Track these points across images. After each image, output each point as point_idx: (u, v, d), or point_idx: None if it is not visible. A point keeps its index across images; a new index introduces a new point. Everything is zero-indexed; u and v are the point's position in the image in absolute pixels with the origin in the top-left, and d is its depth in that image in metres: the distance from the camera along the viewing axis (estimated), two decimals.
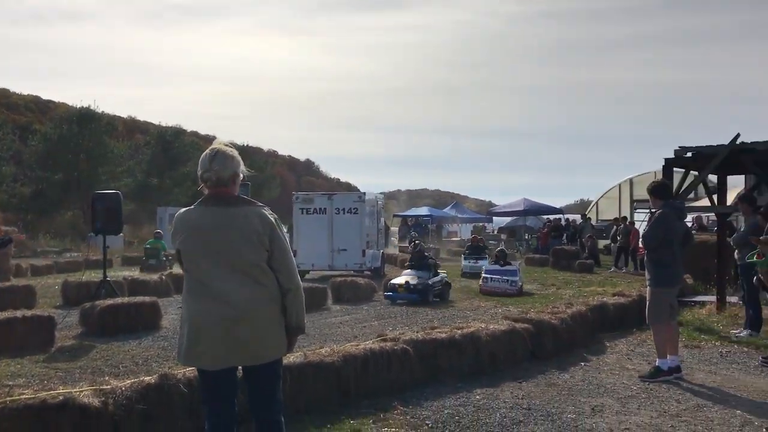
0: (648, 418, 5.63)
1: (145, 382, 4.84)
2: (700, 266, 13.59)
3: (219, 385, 3.60)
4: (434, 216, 40.73)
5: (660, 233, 7.00)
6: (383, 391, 6.15)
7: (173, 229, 3.67)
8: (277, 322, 3.60)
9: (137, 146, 47.46)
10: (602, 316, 9.57)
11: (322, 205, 18.88)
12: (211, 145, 3.69)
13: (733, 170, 11.45)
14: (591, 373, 7.22)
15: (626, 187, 34.28)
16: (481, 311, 12.04)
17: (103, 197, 11.63)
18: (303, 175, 79.66)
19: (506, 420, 5.51)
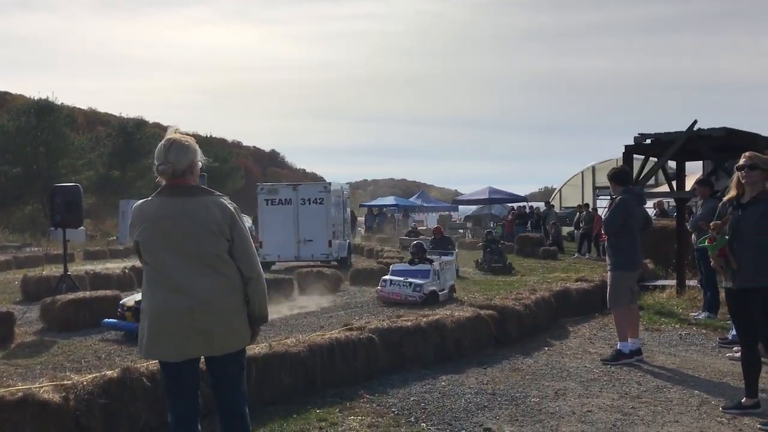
0: (609, 400, 5.74)
1: (107, 377, 4.78)
2: (661, 251, 13.86)
3: (182, 377, 3.56)
4: (400, 205, 40.83)
5: (620, 219, 7.12)
6: (349, 380, 6.18)
7: (131, 221, 3.62)
8: (239, 312, 3.58)
9: (98, 138, 46.54)
10: (565, 301, 9.70)
11: (287, 196, 18.76)
12: (166, 135, 3.64)
13: (691, 156, 11.68)
14: (554, 358, 7.33)
15: (589, 175, 34.80)
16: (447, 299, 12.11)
17: (63, 190, 11.41)
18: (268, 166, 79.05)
19: (471, 405, 5.57)
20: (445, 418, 5.26)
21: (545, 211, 28.73)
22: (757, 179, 5.17)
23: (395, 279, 11.83)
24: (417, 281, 11.60)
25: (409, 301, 11.26)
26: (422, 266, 12.28)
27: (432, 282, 11.85)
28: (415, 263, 12.47)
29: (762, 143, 10.13)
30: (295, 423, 5.09)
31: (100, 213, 40.10)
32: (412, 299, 11.32)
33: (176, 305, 3.44)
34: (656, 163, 10.96)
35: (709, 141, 9.98)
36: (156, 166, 3.56)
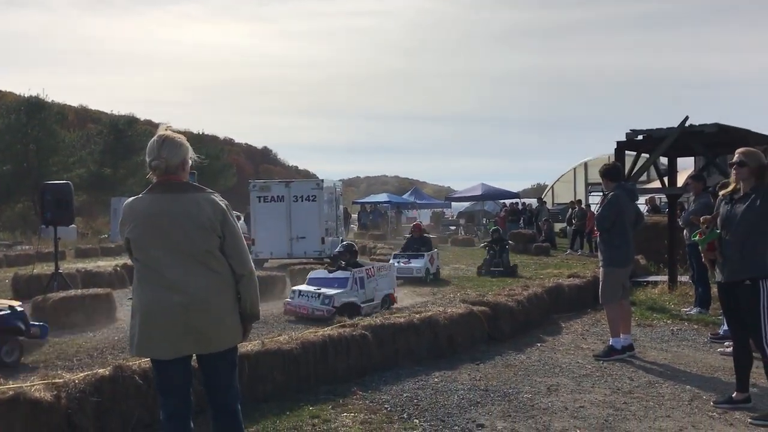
0: (602, 395, 5.76)
1: (98, 375, 4.76)
2: (653, 247, 13.91)
3: (174, 374, 3.55)
4: (393, 202, 40.81)
5: (612, 215, 7.14)
6: (342, 377, 6.18)
7: (121, 218, 3.60)
8: (231, 309, 3.58)
9: (89, 136, 46.28)
10: (558, 297, 9.73)
11: (279, 193, 18.72)
12: (158, 132, 3.63)
13: (682, 152, 11.72)
14: (547, 354, 7.34)
15: (581, 171, 34.89)
16: (440, 295, 12.13)
17: (53, 188, 11.34)
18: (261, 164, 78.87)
19: (464, 401, 5.58)
20: (437, 414, 5.26)
21: (538, 207, 28.78)
22: (746, 176, 5.20)
23: (305, 290, 10.20)
24: (328, 292, 9.91)
25: (316, 316, 9.57)
26: (341, 273, 10.45)
27: (349, 292, 10.06)
28: (335, 269, 10.78)
29: (753, 139, 10.18)
30: (288, 420, 5.09)
31: (92, 211, 39.92)
32: (319, 313, 9.61)
33: (169, 303, 3.42)
34: (648, 159, 10.97)
35: (700, 137, 10.00)
36: (149, 162, 3.54)
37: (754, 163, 5.18)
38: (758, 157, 5.21)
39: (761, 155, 5.25)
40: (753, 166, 5.17)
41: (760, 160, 5.20)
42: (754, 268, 5.14)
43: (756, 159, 5.20)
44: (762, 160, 5.19)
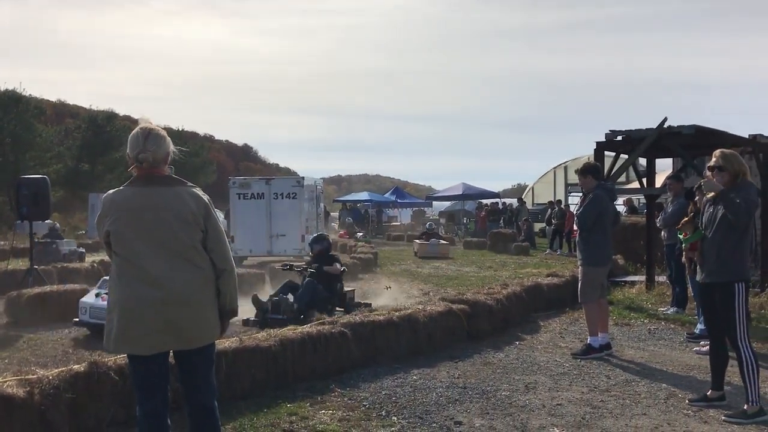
0: (579, 393, 5.79)
1: (73, 371, 4.70)
2: (631, 247, 14.02)
3: (152, 370, 3.51)
4: (374, 201, 40.81)
5: (594, 214, 7.17)
6: (321, 374, 6.16)
7: (101, 210, 3.55)
8: (211, 304, 3.55)
9: (67, 131, 45.76)
10: (536, 296, 9.78)
11: (259, 190, 18.61)
12: (139, 125, 3.59)
13: (661, 153, 11.81)
14: (525, 352, 7.38)
15: (561, 172, 35.14)
16: (421, 293, 12.14)
17: (29, 182, 11.21)
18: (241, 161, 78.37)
19: (442, 399, 5.59)
20: (416, 411, 5.26)
21: (518, 207, 28.92)
22: (725, 180, 5.23)
23: None
24: None
25: None
26: None
27: None
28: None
29: (730, 141, 10.29)
30: (265, 417, 5.06)
31: (69, 207, 39.37)
32: None
33: (149, 297, 3.38)
34: (627, 159, 11.05)
35: (678, 138, 10.08)
36: (134, 155, 3.49)
37: (731, 166, 5.23)
38: (735, 160, 5.26)
39: (738, 158, 5.30)
40: (731, 170, 5.22)
41: (736, 163, 5.24)
42: (729, 270, 5.20)
43: (732, 162, 5.25)
44: (738, 163, 5.24)
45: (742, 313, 5.13)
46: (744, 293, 5.15)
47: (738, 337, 5.14)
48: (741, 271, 5.19)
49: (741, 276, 5.18)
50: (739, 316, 5.13)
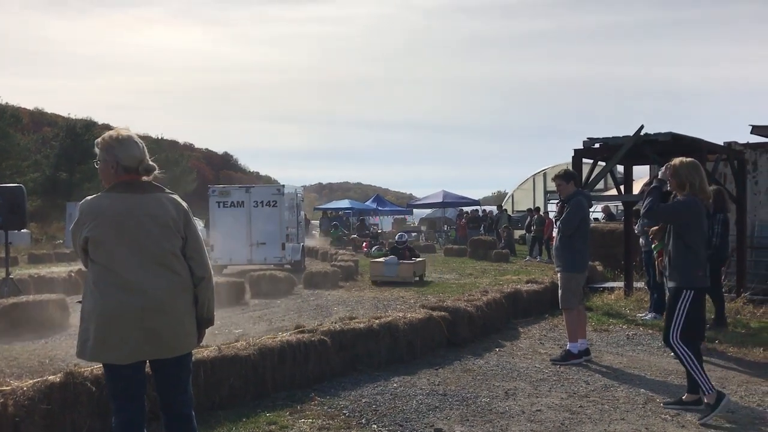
0: (558, 399, 5.82)
1: (48, 382, 4.63)
2: (609, 254, 14.16)
3: (128, 380, 3.46)
4: (355, 209, 40.81)
5: (576, 220, 7.23)
6: (301, 383, 6.13)
7: (78, 217, 3.50)
8: (189, 313, 3.53)
9: (45, 139, 45.36)
10: (516, 302, 9.82)
11: (239, 199, 18.54)
12: (119, 133, 3.56)
13: (638, 161, 11.93)
14: (505, 358, 7.40)
15: (540, 179, 35.35)
16: (401, 301, 12.14)
17: (5, 191, 11.04)
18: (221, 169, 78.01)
19: (422, 406, 5.58)
20: (396, 419, 5.25)
21: (498, 214, 29.05)
22: (674, 188, 5.51)
23: None
24: None
25: None
26: None
27: None
28: None
29: (705, 148, 10.43)
30: (244, 426, 5.02)
31: (46, 216, 38.98)
32: None
33: (127, 305, 3.34)
34: (605, 166, 11.16)
35: (655, 145, 10.20)
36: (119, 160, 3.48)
37: (677, 177, 5.45)
38: (682, 171, 5.42)
39: (687, 170, 5.43)
40: (677, 179, 5.46)
41: (681, 174, 5.41)
42: (678, 277, 5.44)
43: (678, 173, 5.43)
44: (683, 174, 5.42)
45: (680, 317, 5.35)
46: (688, 300, 5.36)
47: (670, 336, 5.39)
48: (688, 278, 5.40)
49: (688, 284, 5.39)
50: (677, 318, 5.36)
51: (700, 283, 5.45)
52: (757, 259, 12.03)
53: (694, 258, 5.42)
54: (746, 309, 9.91)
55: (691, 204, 5.39)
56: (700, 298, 5.53)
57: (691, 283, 5.40)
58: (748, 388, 6.17)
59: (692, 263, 5.42)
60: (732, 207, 10.72)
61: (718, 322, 8.82)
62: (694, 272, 5.42)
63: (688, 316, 5.37)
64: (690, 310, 5.38)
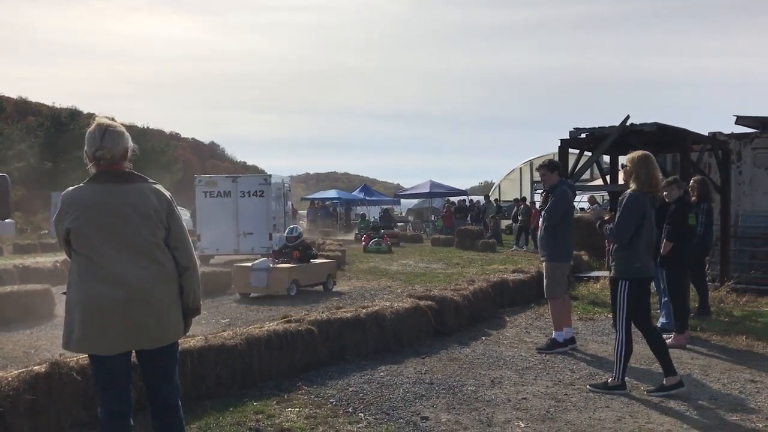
0: (544, 387, 5.87)
1: (33, 372, 4.61)
2: (595, 243, 14.22)
3: (114, 370, 3.45)
4: (343, 199, 40.76)
5: (561, 210, 7.26)
6: (288, 373, 6.14)
7: (60, 208, 3.48)
8: (174, 303, 3.51)
9: (29, 128, 44.93)
10: (503, 292, 9.87)
11: (226, 188, 18.47)
12: (97, 122, 3.53)
13: (624, 151, 11.94)
14: (491, 347, 7.44)
15: (527, 169, 35.51)
16: (388, 291, 12.17)
17: None
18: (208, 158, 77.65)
19: (409, 395, 5.61)
20: (383, 407, 5.28)
21: (485, 204, 29.13)
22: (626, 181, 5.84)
23: None
24: None
25: None
26: None
27: None
28: None
29: (690, 138, 10.50)
30: (231, 416, 5.03)
31: (31, 206, 38.67)
32: None
33: (110, 296, 3.33)
34: (590, 156, 11.20)
35: (641, 135, 10.24)
36: (93, 152, 3.43)
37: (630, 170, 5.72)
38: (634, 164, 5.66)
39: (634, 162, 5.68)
40: (627, 174, 5.77)
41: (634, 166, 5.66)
42: (616, 267, 5.76)
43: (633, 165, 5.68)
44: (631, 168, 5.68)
45: (623, 304, 5.67)
46: (626, 290, 5.64)
47: (617, 322, 5.75)
48: (624, 269, 5.67)
49: (623, 274, 5.67)
50: (620, 306, 5.69)
51: (636, 273, 5.67)
52: (741, 249, 12.14)
53: (632, 250, 5.64)
54: (729, 298, 10.02)
55: (628, 204, 5.63)
56: (638, 288, 5.71)
57: (627, 274, 5.66)
58: (730, 375, 6.25)
59: (630, 255, 5.65)
60: (716, 197, 10.81)
61: (701, 310, 8.91)
62: (630, 264, 5.65)
63: (630, 305, 5.65)
64: (629, 299, 5.64)
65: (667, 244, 7.58)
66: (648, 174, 5.61)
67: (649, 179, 5.62)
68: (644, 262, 5.68)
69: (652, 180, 5.63)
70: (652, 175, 5.63)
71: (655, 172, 5.65)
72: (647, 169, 5.62)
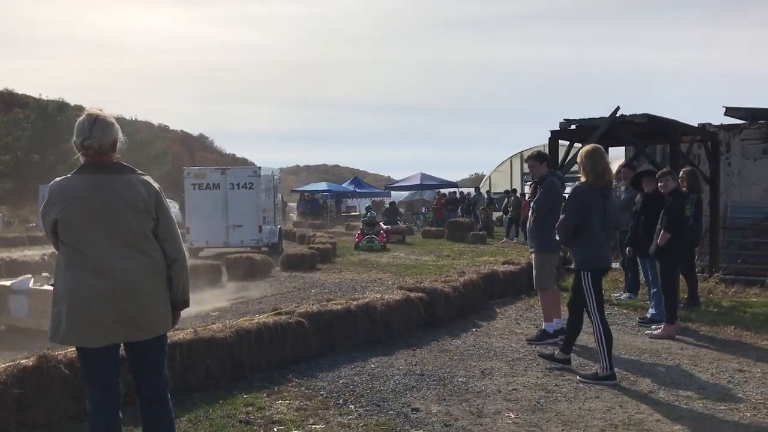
0: (534, 378, 5.88)
1: (21, 365, 4.57)
2: None
3: (102, 363, 3.43)
4: (333, 191, 40.69)
5: (550, 201, 7.26)
6: (278, 365, 6.12)
7: (47, 199, 3.45)
8: (163, 295, 3.49)
9: (16, 121, 44.53)
10: (493, 283, 9.88)
11: (215, 181, 18.37)
12: (86, 112, 3.50)
13: (614, 142, 12.00)
14: (481, 338, 7.45)
15: (517, 161, 35.52)
16: (379, 283, 12.16)
17: None
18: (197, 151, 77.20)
19: (400, 386, 5.61)
20: (373, 399, 5.27)
21: (475, 196, 29.15)
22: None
23: None
24: None
25: None
26: None
27: None
28: None
29: (680, 129, 10.52)
30: (221, 408, 5.01)
31: (19, 199, 38.38)
32: None
33: (98, 288, 3.30)
34: (580, 148, 11.20)
35: (631, 127, 10.26)
36: (81, 141, 3.39)
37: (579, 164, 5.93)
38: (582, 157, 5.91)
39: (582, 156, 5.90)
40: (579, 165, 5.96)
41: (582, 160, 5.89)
42: (575, 259, 5.94)
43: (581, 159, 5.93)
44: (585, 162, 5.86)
45: (590, 294, 5.80)
46: (589, 280, 5.80)
47: (589, 312, 5.86)
48: (582, 260, 5.84)
49: (583, 265, 5.83)
50: (588, 296, 5.81)
51: (595, 264, 5.84)
52: (730, 240, 12.20)
53: (589, 241, 5.79)
54: (718, 288, 10.07)
55: (571, 197, 5.89)
56: (599, 277, 5.91)
57: (586, 265, 5.82)
58: (719, 365, 6.28)
59: (586, 246, 5.81)
60: (705, 188, 10.85)
61: (691, 301, 8.96)
62: (588, 254, 5.82)
63: (597, 294, 5.82)
64: (595, 288, 5.81)
65: (665, 235, 7.60)
66: (594, 166, 5.80)
67: (596, 172, 5.80)
68: (601, 253, 5.85)
69: (598, 172, 5.79)
70: (599, 168, 5.81)
71: (601, 164, 5.83)
72: (594, 161, 5.81)
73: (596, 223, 5.78)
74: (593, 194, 5.79)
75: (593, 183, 5.80)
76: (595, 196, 5.79)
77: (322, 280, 12.78)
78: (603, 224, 5.84)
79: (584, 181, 5.84)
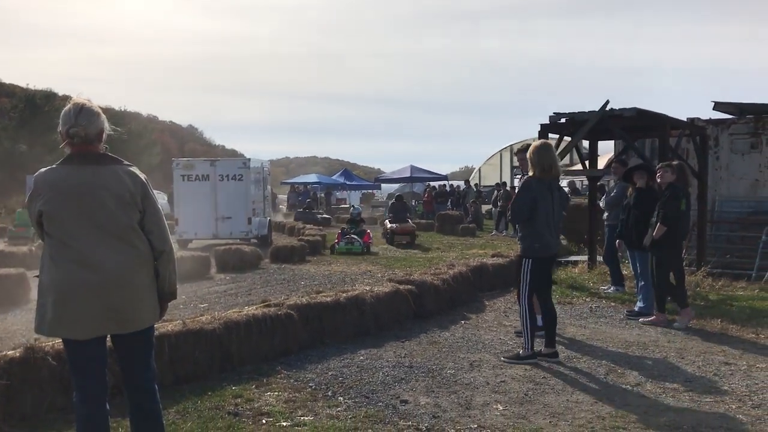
0: (522, 370, 5.90)
1: (8, 357, 4.55)
2: (574, 228, 14.31)
3: (89, 355, 3.41)
4: (323, 183, 40.63)
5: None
6: (267, 357, 6.12)
7: (32, 189, 3.41)
8: (149, 287, 3.47)
9: (2, 111, 44.10)
10: (482, 276, 9.91)
11: (204, 172, 18.27)
12: (73, 100, 3.46)
13: (603, 136, 12.05)
14: (470, 331, 7.47)
15: (507, 154, 35.61)
16: (368, 275, 12.16)
17: None
18: (186, 142, 76.76)
19: (388, 378, 5.62)
20: (362, 391, 5.28)
21: (465, 189, 29.18)
22: None
23: None
24: None
25: None
26: None
27: None
28: None
29: (669, 123, 10.57)
30: (210, 400, 5.00)
31: (5, 189, 38.07)
32: None
33: (84, 280, 3.27)
34: (570, 141, 11.24)
35: (620, 120, 10.29)
36: (66, 129, 3.35)
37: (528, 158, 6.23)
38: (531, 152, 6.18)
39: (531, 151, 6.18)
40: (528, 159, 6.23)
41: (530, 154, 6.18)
42: (520, 247, 6.29)
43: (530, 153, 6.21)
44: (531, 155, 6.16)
45: (525, 279, 6.19)
46: (528, 267, 6.17)
47: (519, 295, 6.30)
48: (525, 249, 6.21)
49: (525, 254, 6.21)
50: (523, 280, 6.21)
51: (536, 253, 6.16)
52: (717, 234, 12.28)
53: (531, 231, 6.13)
54: (706, 282, 10.14)
55: (520, 189, 6.26)
56: (540, 266, 6.22)
57: (527, 253, 6.18)
58: (705, 358, 6.33)
59: (529, 236, 6.15)
60: (693, 182, 10.90)
61: None
62: (531, 244, 6.15)
63: (532, 282, 6.18)
64: (531, 276, 6.17)
65: (661, 228, 7.64)
66: (541, 161, 6.09)
67: (542, 166, 6.09)
68: (544, 243, 6.14)
69: (545, 166, 6.09)
70: (545, 162, 6.09)
71: (548, 159, 6.10)
72: (540, 156, 6.11)
73: (541, 214, 6.08)
74: (540, 187, 6.09)
75: (540, 176, 6.10)
76: (541, 189, 6.10)
77: (311, 272, 12.76)
78: (548, 216, 6.14)
79: (532, 174, 6.14)
